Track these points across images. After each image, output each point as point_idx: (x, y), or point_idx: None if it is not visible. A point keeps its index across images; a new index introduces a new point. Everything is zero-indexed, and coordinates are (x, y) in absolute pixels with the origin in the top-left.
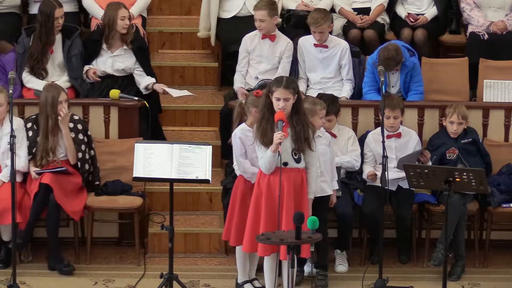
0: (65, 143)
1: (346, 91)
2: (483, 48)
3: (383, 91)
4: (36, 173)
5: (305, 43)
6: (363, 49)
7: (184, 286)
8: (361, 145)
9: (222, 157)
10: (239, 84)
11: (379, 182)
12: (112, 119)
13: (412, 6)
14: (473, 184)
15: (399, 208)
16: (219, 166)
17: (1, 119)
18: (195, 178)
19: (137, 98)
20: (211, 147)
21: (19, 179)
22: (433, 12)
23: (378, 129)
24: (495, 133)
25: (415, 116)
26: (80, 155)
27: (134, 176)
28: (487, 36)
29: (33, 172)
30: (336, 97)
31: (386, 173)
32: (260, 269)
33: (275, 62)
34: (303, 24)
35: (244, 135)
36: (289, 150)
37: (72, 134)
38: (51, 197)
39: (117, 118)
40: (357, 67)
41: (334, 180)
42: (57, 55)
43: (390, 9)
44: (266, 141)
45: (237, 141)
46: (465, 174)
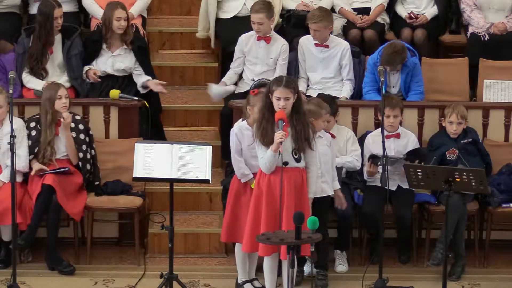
0: (65, 144)
1: (346, 91)
2: (483, 48)
3: (383, 91)
4: (38, 174)
5: (306, 42)
6: (363, 49)
7: (184, 286)
8: (360, 145)
9: (222, 157)
10: (226, 78)
11: (379, 182)
12: (112, 119)
13: (412, 5)
14: (473, 184)
15: (399, 208)
16: (219, 166)
17: (1, 120)
18: (195, 178)
19: (137, 98)
20: (211, 147)
21: (19, 179)
22: (433, 11)
23: (377, 130)
24: (495, 133)
25: (415, 116)
26: (81, 155)
27: (134, 176)
28: (487, 37)
29: (36, 165)
30: (334, 97)
31: (386, 173)
32: (260, 269)
33: (270, 63)
34: (303, 24)
35: (240, 132)
36: (290, 149)
37: (73, 133)
38: (53, 198)
39: (117, 118)
40: (357, 67)
41: (335, 180)
42: (57, 55)
43: (390, 9)
44: (266, 140)
45: (233, 138)
46: (465, 174)
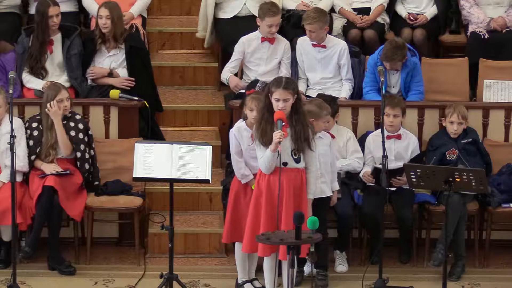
0: (56, 135)
1: (345, 91)
2: (483, 47)
3: (383, 91)
4: (40, 176)
5: (304, 43)
6: (363, 49)
7: (184, 286)
8: (360, 145)
9: (226, 158)
10: (227, 75)
11: (378, 182)
12: (112, 119)
13: (412, 5)
14: (473, 184)
15: (399, 208)
16: (219, 166)
17: None
18: (195, 178)
19: (137, 98)
20: (211, 147)
21: (19, 179)
22: (433, 11)
23: (378, 130)
24: (495, 133)
25: (415, 116)
26: (79, 154)
27: (134, 176)
28: (487, 35)
29: (45, 166)
30: (334, 98)
31: (386, 173)
32: (260, 269)
33: (275, 64)
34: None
35: (239, 133)
36: (289, 150)
37: (72, 132)
38: (55, 199)
39: (117, 118)
40: (357, 67)
41: (334, 181)
42: (57, 54)
43: (390, 9)
44: (265, 141)
45: (232, 139)
46: (465, 174)
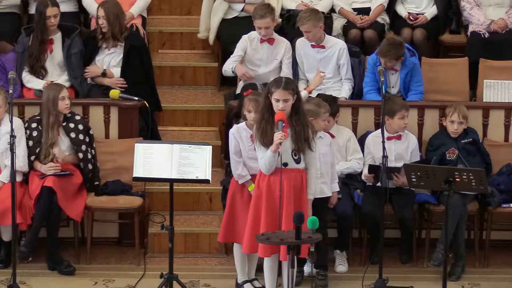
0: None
1: (345, 91)
2: (483, 47)
3: (383, 91)
4: (40, 177)
5: (303, 44)
6: (363, 49)
7: (184, 286)
8: (360, 146)
9: (224, 157)
10: (230, 66)
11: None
12: (112, 119)
13: (412, 5)
14: (473, 184)
15: (399, 208)
16: (219, 166)
17: None
18: (195, 178)
19: (137, 98)
20: (211, 147)
21: (19, 179)
22: (433, 11)
23: (378, 131)
24: (495, 133)
25: (415, 116)
26: (81, 155)
27: (134, 176)
28: (487, 35)
29: (44, 167)
30: (335, 98)
31: (386, 173)
32: (260, 269)
33: (275, 64)
34: None
35: (238, 133)
36: (289, 150)
37: (72, 134)
38: (54, 200)
39: (117, 118)
40: (357, 67)
41: (334, 182)
42: (57, 54)
43: (390, 9)
44: (266, 141)
45: (231, 138)
46: (465, 174)
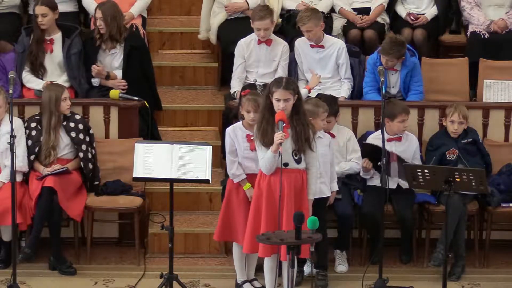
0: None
1: (344, 90)
2: (483, 47)
3: (383, 91)
4: (38, 178)
5: (302, 44)
6: (363, 49)
7: (184, 286)
8: (360, 146)
9: (223, 158)
10: (237, 88)
11: (379, 182)
12: (112, 119)
13: (412, 5)
14: (473, 184)
15: (399, 208)
16: (219, 166)
17: None
18: (195, 178)
19: (137, 98)
20: (211, 147)
21: (19, 179)
22: (433, 11)
23: (377, 132)
24: (495, 133)
25: (415, 116)
26: (81, 154)
27: (134, 176)
28: (487, 35)
29: (46, 171)
30: (335, 98)
31: (385, 173)
32: (260, 269)
33: (273, 66)
34: None
35: (234, 133)
36: (290, 150)
37: (72, 134)
38: (54, 200)
39: (117, 118)
40: (357, 67)
41: (334, 181)
42: (57, 54)
43: (390, 9)
44: (266, 141)
45: (227, 138)
46: (465, 174)
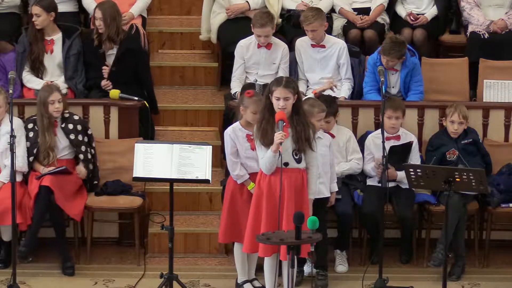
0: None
1: (344, 90)
2: (483, 47)
3: (383, 91)
4: (36, 177)
5: (303, 44)
6: (363, 49)
7: (184, 286)
8: (360, 145)
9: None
10: (237, 89)
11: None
12: (112, 119)
13: (412, 5)
14: (473, 184)
15: (399, 208)
16: (219, 166)
17: None
18: (195, 178)
19: (137, 98)
20: (211, 147)
21: (19, 179)
22: (433, 12)
23: (377, 131)
24: (495, 133)
25: (415, 116)
26: (81, 156)
27: (134, 176)
28: (487, 35)
29: (45, 171)
30: (334, 98)
31: (386, 173)
32: (260, 269)
33: (274, 68)
34: None
35: (234, 133)
36: (290, 150)
37: (72, 136)
38: (52, 200)
39: (117, 118)
40: (357, 67)
41: (333, 182)
42: (57, 54)
43: (390, 9)
44: (266, 141)
45: (227, 139)
46: (465, 174)
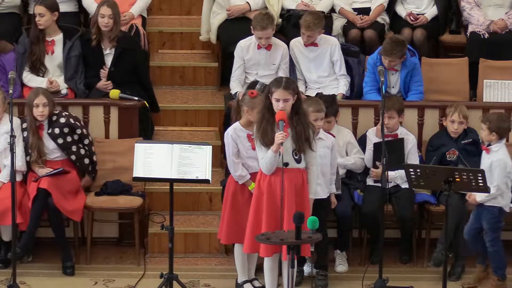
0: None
1: (341, 87)
2: (483, 47)
3: (383, 91)
4: (34, 180)
5: (296, 44)
6: (363, 49)
7: (184, 286)
8: (360, 145)
9: (224, 157)
10: (237, 89)
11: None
12: (112, 119)
13: (412, 5)
14: (473, 184)
15: (399, 208)
16: (219, 166)
17: None
18: (195, 178)
19: (137, 98)
20: (211, 147)
21: (18, 178)
22: (433, 12)
23: (377, 126)
24: None
25: (415, 116)
26: (73, 157)
27: (134, 176)
28: (487, 35)
29: (41, 172)
30: (334, 97)
31: (386, 173)
32: (260, 269)
33: (273, 69)
34: None
35: (236, 134)
36: (290, 150)
37: (59, 140)
38: (50, 202)
39: (117, 118)
40: (356, 67)
41: (333, 183)
42: (58, 55)
43: (390, 9)
44: (266, 141)
45: (229, 140)
46: (465, 174)
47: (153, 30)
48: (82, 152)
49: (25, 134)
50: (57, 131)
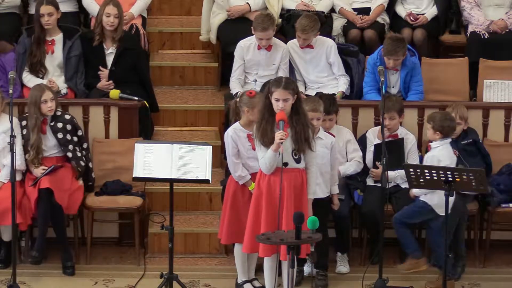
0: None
1: (341, 85)
2: (483, 47)
3: (383, 91)
4: (31, 185)
5: (293, 45)
6: (363, 49)
7: (184, 286)
8: (360, 146)
9: (224, 157)
10: (237, 89)
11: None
12: (112, 119)
13: (412, 5)
14: (473, 184)
15: (399, 208)
16: (219, 166)
17: None
18: (195, 178)
19: (137, 98)
20: (211, 147)
21: (18, 178)
22: (433, 12)
23: (377, 126)
24: (495, 133)
25: (415, 116)
26: (70, 154)
27: (134, 176)
28: (487, 35)
29: (36, 171)
30: (334, 96)
31: (386, 173)
32: (260, 269)
33: (273, 69)
34: None
35: (236, 134)
36: (289, 150)
37: (59, 134)
38: (53, 201)
39: (117, 118)
40: (355, 66)
41: (335, 184)
42: (58, 55)
43: (390, 9)
44: (266, 141)
45: (229, 141)
46: (465, 174)
47: (153, 30)
48: (78, 154)
49: (24, 132)
50: (59, 125)
